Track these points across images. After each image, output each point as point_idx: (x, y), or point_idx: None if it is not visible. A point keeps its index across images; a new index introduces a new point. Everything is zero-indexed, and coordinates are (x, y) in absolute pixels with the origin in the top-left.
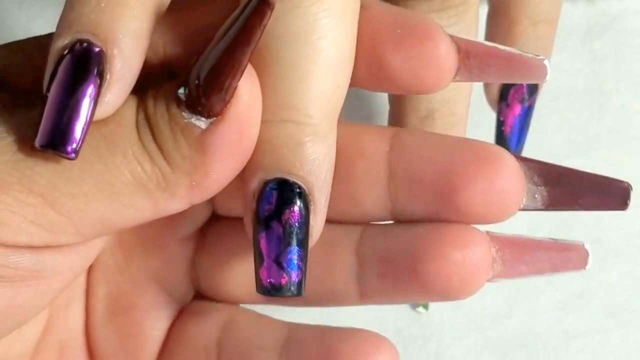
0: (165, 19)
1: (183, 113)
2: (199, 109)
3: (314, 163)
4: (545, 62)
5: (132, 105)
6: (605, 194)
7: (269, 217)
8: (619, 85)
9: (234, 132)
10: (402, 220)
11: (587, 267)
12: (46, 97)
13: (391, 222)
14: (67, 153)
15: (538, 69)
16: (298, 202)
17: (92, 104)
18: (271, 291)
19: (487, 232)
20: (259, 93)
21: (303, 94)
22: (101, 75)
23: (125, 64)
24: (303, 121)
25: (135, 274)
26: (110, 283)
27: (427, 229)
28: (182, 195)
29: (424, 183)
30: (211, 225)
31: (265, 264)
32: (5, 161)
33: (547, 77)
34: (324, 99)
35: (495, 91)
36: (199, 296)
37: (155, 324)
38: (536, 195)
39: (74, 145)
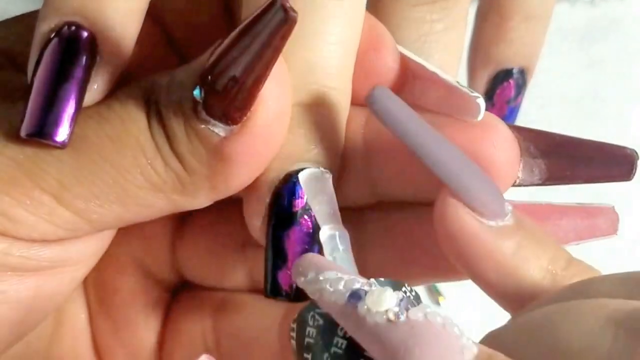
0: None
1: (199, 116)
2: (217, 114)
3: (337, 150)
4: (479, 100)
5: (138, 100)
6: (609, 163)
7: (297, 212)
8: (616, 91)
9: (259, 143)
10: (387, 201)
11: (617, 232)
12: (32, 83)
13: None
14: (55, 142)
15: (472, 104)
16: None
17: (80, 91)
18: (289, 296)
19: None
20: (289, 97)
21: (330, 72)
22: (90, 60)
23: (115, 47)
24: (330, 103)
25: (118, 258)
26: (95, 268)
27: None
28: (203, 197)
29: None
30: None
31: (287, 266)
32: (13, 156)
33: (480, 117)
34: (347, 79)
35: (480, 89)
36: (188, 285)
37: (144, 313)
38: (534, 169)
39: (63, 134)
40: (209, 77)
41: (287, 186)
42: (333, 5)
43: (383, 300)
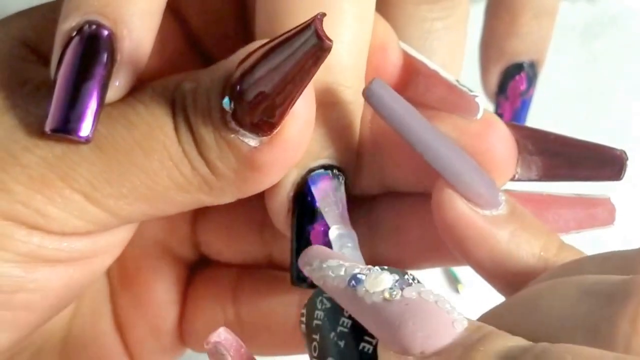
0: None
1: (229, 125)
2: (248, 126)
3: (352, 148)
4: (478, 99)
5: (164, 104)
6: (601, 163)
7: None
8: (618, 86)
9: (289, 152)
10: (395, 191)
11: (614, 222)
12: (55, 80)
13: None
14: (79, 137)
15: (471, 103)
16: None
17: (102, 87)
18: (311, 284)
19: (506, 190)
20: (314, 110)
21: (346, 72)
22: (111, 57)
23: (136, 45)
24: (347, 101)
25: (138, 237)
26: None
27: None
28: (228, 198)
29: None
30: None
31: None
32: (44, 156)
33: (479, 115)
34: (361, 78)
35: (493, 83)
36: (206, 260)
37: (165, 288)
38: (531, 165)
39: (86, 129)
40: (238, 88)
41: (310, 181)
42: (348, 4)
43: (380, 282)
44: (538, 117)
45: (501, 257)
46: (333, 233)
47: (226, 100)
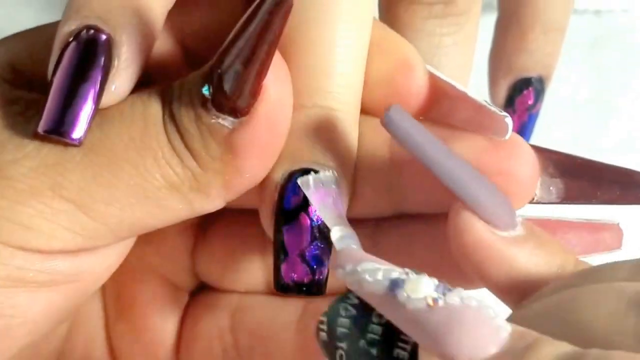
0: (183, 4)
1: (209, 112)
2: (225, 108)
3: (346, 153)
4: (507, 120)
5: (158, 101)
6: (625, 186)
7: (296, 208)
8: (624, 98)
9: (263, 131)
10: (405, 213)
11: (622, 247)
12: (51, 82)
13: None
14: (72, 139)
15: (501, 123)
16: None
17: (98, 91)
18: (292, 289)
19: None
20: (290, 87)
21: (336, 78)
22: (108, 62)
23: (133, 50)
24: (336, 107)
25: (134, 267)
26: (112, 277)
27: None
28: (216, 195)
29: None
30: (212, 216)
31: (288, 259)
32: (34, 167)
33: (508, 136)
34: (354, 84)
35: (501, 96)
36: (205, 287)
37: (162, 316)
38: (551, 188)
39: (79, 132)
40: (215, 73)
41: (288, 184)
42: (343, 8)
43: (421, 287)
44: (544, 129)
45: (519, 276)
46: (335, 234)
47: (205, 87)
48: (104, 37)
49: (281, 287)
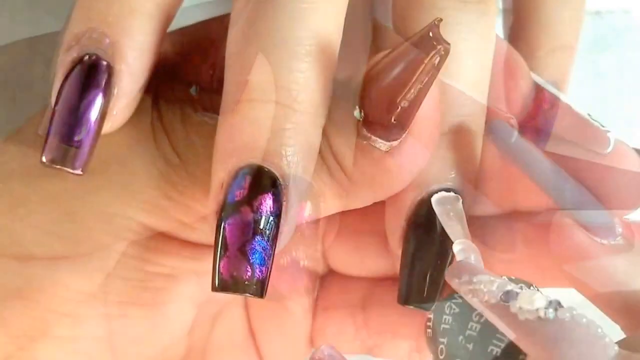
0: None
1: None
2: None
3: (294, 154)
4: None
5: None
6: None
7: (239, 202)
8: (623, 100)
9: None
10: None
11: None
12: (54, 112)
13: None
14: (74, 169)
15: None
16: (272, 191)
17: (99, 118)
18: (230, 285)
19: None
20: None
21: (296, 74)
22: (108, 90)
23: (132, 79)
24: (290, 105)
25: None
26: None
27: None
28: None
29: None
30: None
31: (228, 253)
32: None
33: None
34: (317, 88)
35: None
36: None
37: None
38: None
39: (80, 162)
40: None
41: (235, 179)
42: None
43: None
44: None
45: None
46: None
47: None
48: (104, 63)
49: (219, 284)
